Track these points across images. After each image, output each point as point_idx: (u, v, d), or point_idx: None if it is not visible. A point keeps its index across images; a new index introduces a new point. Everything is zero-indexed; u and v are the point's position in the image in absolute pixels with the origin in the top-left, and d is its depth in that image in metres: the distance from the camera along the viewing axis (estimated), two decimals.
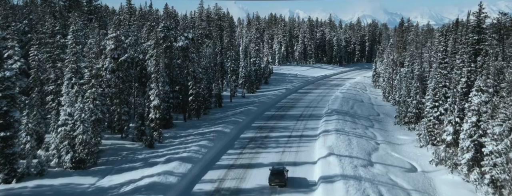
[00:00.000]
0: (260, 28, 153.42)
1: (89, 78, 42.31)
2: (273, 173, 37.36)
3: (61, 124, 38.42)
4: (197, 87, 65.68)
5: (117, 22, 54.06)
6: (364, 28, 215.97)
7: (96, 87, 42.36)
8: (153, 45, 50.66)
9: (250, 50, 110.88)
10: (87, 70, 42.79)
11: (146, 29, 55.30)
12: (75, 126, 38.61)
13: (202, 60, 75.19)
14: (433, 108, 55.60)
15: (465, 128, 42.91)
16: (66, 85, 40.85)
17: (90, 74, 42.32)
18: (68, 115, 38.38)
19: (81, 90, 41.27)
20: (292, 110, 75.51)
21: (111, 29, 50.30)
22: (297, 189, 36.76)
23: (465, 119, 44.25)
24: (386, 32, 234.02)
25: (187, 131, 55.30)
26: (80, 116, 38.75)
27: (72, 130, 38.50)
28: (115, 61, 49.47)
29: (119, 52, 49.90)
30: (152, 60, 50.63)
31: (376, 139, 56.55)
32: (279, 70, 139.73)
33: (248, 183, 37.98)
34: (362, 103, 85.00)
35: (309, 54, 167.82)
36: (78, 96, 40.28)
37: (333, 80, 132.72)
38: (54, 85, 44.73)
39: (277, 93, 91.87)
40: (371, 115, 74.22)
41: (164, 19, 69.71)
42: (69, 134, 38.37)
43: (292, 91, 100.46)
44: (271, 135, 56.23)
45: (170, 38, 61.73)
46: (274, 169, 38.01)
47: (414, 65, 76.49)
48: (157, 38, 51.19)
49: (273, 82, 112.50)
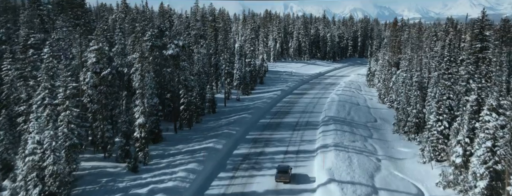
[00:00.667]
0: (255, 26, 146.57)
1: (63, 99, 35.82)
2: (279, 171, 40.50)
3: (28, 153, 32.07)
4: (189, 95, 59.36)
5: (100, 32, 47.42)
6: (356, 23, 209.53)
7: (71, 109, 35.87)
8: (138, 58, 43.98)
9: (245, 50, 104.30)
10: (61, 89, 36.28)
11: (132, 36, 48.31)
12: (45, 156, 32.31)
13: (195, 66, 68.72)
14: (437, 122, 49.47)
15: (478, 154, 36.85)
16: (36, 108, 34.45)
17: (64, 94, 35.80)
18: (37, 143, 32.01)
19: (53, 113, 34.93)
20: (287, 117, 69.25)
21: (93, 41, 43.56)
22: None
23: (477, 141, 38.22)
24: (377, 27, 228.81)
25: (176, 147, 48.98)
26: (50, 144, 32.44)
27: (41, 160, 32.18)
28: (97, 75, 42.97)
29: (102, 65, 43.35)
30: (137, 74, 44.06)
31: (377, 154, 50.49)
32: (274, 67, 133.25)
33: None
34: (359, 107, 78.84)
35: (304, 50, 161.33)
36: (49, 120, 33.98)
37: (327, 78, 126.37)
38: (26, 105, 38.19)
39: (272, 96, 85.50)
40: (368, 122, 68.15)
41: (152, 27, 62.81)
42: (37, 164, 32.06)
43: (288, 92, 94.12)
44: (266, 150, 49.99)
45: (159, 46, 55.21)
46: (280, 167, 41.33)
47: (412, 71, 70.21)
48: (142, 51, 44.50)
49: (268, 82, 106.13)
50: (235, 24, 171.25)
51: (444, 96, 50.05)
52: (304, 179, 41.08)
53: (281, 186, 39.17)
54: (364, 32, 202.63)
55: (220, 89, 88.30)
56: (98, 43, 43.12)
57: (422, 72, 65.76)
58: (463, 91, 51.44)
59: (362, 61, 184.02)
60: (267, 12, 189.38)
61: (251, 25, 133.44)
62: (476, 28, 58.10)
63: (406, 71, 71.59)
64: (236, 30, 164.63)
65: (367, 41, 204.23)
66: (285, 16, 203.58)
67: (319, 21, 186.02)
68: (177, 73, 57.14)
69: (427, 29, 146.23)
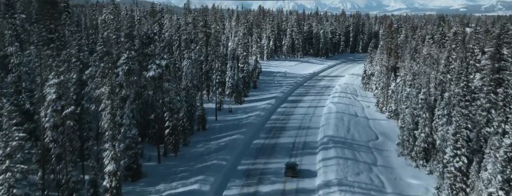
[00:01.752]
0: (248, 25, 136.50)
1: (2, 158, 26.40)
2: (288, 167, 44.65)
3: None
4: (174, 118, 50.09)
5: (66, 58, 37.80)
6: (348, 18, 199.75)
7: (13, 171, 26.48)
8: (107, 93, 34.38)
9: (238, 54, 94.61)
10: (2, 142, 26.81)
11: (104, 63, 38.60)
12: None
13: (183, 80, 59.30)
14: (454, 157, 40.71)
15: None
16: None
17: (3, 152, 26.35)
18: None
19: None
20: (283, 135, 60.04)
21: (52, 73, 33.84)
22: None
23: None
24: (368, 22, 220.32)
25: (157, 187, 39.84)
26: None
27: None
28: (58, 114, 33.53)
29: (64, 102, 33.86)
30: (106, 113, 34.54)
31: (386, 192, 41.80)
32: (268, 67, 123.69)
33: None
34: (357, 119, 69.91)
35: (297, 48, 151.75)
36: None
37: (322, 79, 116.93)
38: None
39: (266, 106, 76.13)
40: (370, 140, 59.34)
41: (138, 35, 53.25)
42: None
43: (282, 99, 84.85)
44: (261, 190, 41.03)
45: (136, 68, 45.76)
46: (289, 164, 45.77)
47: (416, 84, 61.12)
48: (112, 85, 34.81)
49: (262, 86, 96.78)
50: (228, 21, 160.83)
51: (461, 127, 41.15)
52: None
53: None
54: (356, 27, 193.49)
55: (212, 97, 79.12)
56: (59, 75, 33.43)
57: (429, 89, 56.62)
58: (484, 122, 42.64)
59: (354, 57, 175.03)
60: (260, 9, 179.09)
61: (245, 25, 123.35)
62: (492, 46, 49.19)
63: (410, 85, 62.49)
64: (229, 27, 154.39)
65: (358, 36, 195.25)
66: (279, 12, 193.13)
67: (312, 18, 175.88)
68: (160, 96, 47.76)
69: (420, 27, 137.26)
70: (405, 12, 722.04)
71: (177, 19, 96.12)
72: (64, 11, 77.14)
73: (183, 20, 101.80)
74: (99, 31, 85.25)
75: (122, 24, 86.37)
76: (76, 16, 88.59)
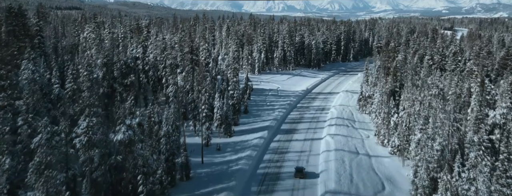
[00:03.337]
0: (239, 37, 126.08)
1: None
2: (297, 170, 52.92)
3: None
4: (149, 182, 39.91)
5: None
6: (339, 26, 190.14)
7: None
8: None
9: (228, 77, 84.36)
10: None
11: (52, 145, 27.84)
12: None
13: (163, 125, 48.96)
14: None
15: None
16: None
17: None
18: None
19: None
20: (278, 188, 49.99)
21: None
22: None
23: None
24: (358, 28, 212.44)
25: None
26: None
27: None
28: None
29: None
30: None
31: None
32: (259, 83, 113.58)
33: None
34: (359, 159, 60.18)
35: (289, 59, 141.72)
36: None
37: (315, 97, 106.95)
38: None
39: (258, 142, 65.69)
40: (377, 192, 49.71)
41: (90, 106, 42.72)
42: None
43: (275, 129, 74.78)
44: None
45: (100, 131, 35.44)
46: (298, 167, 53.86)
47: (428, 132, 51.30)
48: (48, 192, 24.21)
49: (253, 110, 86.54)
50: (219, 31, 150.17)
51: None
52: None
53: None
54: (347, 35, 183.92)
55: (198, 130, 68.89)
56: None
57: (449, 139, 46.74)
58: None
59: (346, 67, 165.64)
60: (251, 18, 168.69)
61: (235, 41, 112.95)
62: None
63: (421, 130, 52.60)
64: (220, 39, 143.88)
65: (349, 44, 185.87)
66: (269, 20, 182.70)
67: (304, 27, 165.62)
68: (132, 161, 37.49)
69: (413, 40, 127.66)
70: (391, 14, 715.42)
71: (163, 38, 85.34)
72: (36, 36, 66.54)
73: (169, 39, 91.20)
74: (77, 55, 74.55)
75: (102, 46, 75.91)
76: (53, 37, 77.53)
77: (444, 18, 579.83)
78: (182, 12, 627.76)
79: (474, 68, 77.80)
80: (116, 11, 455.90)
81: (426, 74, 75.51)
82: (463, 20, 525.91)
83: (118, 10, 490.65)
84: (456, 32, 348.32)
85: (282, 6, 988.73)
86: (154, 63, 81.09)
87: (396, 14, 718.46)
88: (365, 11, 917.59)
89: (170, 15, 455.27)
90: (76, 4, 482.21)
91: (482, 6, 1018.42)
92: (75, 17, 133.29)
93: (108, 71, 62.65)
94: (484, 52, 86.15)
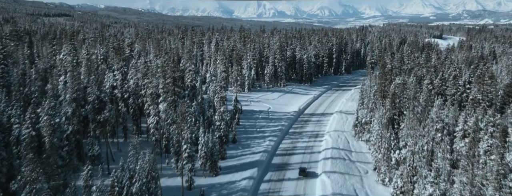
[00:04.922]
0: (229, 53, 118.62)
1: None
2: (301, 170, 61.88)
3: None
4: None
5: None
6: (331, 39, 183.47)
7: None
8: None
9: (215, 105, 76.80)
10: None
11: None
12: None
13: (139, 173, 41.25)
14: None
15: None
16: None
17: None
18: None
19: None
20: None
21: None
22: None
23: None
24: (350, 39, 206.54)
25: None
26: None
27: None
28: None
29: None
30: None
31: None
32: (249, 103, 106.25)
33: None
34: None
35: (280, 75, 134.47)
36: None
37: (308, 120, 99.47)
38: None
39: (246, 184, 57.99)
40: None
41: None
42: None
43: (266, 165, 67.30)
44: None
45: None
46: (301, 168, 62.69)
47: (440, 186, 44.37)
48: None
49: (242, 139, 78.92)
50: (208, 46, 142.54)
51: None
52: None
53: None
54: (338, 47, 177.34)
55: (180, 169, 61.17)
56: None
57: None
58: None
59: (338, 81, 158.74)
60: (242, 31, 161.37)
61: (223, 62, 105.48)
62: None
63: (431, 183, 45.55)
64: (208, 54, 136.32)
65: (341, 56, 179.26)
66: (259, 34, 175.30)
67: (296, 41, 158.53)
68: None
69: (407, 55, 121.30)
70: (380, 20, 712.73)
71: (145, 62, 77.51)
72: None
73: (153, 61, 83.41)
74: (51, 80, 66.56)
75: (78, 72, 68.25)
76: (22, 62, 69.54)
77: (433, 24, 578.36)
78: (173, 18, 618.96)
79: (479, 97, 71.45)
80: (106, 17, 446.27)
81: (426, 99, 69.23)
82: (451, 27, 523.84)
83: (108, 16, 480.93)
84: (446, 40, 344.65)
85: (272, 12, 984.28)
86: (134, 89, 73.35)
87: (385, 20, 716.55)
88: (355, 17, 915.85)
89: (161, 22, 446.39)
90: (66, 11, 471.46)
91: (468, 12, 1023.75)
92: (51, 36, 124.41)
93: (78, 107, 54.84)
94: (486, 78, 79.39)
